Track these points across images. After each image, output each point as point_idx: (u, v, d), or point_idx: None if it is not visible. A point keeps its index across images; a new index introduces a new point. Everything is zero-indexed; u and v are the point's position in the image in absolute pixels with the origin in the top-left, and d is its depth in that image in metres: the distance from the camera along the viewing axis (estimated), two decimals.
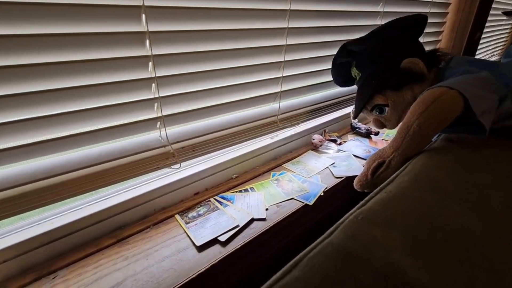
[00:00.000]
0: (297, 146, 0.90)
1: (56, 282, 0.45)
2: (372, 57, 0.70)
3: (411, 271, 0.23)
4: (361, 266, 0.24)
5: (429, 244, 0.26)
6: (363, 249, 0.25)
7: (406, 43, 0.68)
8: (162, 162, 0.56)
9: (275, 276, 0.23)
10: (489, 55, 2.10)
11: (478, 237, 0.26)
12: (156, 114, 0.54)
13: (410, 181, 0.38)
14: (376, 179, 0.53)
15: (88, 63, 0.44)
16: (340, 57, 0.77)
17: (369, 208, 0.32)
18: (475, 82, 0.51)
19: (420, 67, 0.63)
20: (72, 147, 0.47)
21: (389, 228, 0.28)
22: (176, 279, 0.46)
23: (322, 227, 0.76)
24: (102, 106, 0.48)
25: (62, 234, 0.50)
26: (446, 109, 0.48)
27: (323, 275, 0.23)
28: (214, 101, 0.63)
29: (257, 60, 0.67)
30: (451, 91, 0.48)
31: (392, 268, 0.23)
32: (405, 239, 0.26)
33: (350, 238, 0.27)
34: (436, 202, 0.32)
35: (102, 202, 0.56)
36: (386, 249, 0.25)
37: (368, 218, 0.29)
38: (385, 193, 0.35)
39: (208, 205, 0.64)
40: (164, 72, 0.53)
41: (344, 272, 0.23)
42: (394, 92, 0.66)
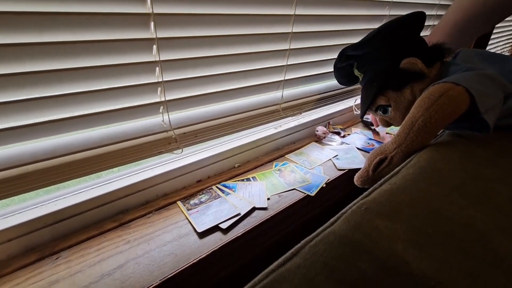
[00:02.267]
0: (300, 137, 0.89)
1: (59, 262, 0.46)
2: (372, 60, 0.70)
3: (414, 262, 0.23)
4: (363, 255, 0.23)
5: (434, 236, 0.25)
6: (366, 239, 0.25)
7: (405, 42, 0.67)
8: (164, 147, 0.56)
9: (276, 263, 0.23)
10: (499, 50, 2.06)
11: (483, 231, 0.26)
12: (159, 99, 0.54)
13: (415, 173, 0.37)
14: (377, 175, 0.53)
15: (90, 44, 0.44)
16: (340, 62, 0.78)
17: (373, 199, 0.31)
18: (481, 79, 0.50)
19: (418, 66, 0.63)
20: (73, 129, 0.47)
21: (392, 219, 0.28)
22: (177, 264, 0.47)
23: (323, 218, 0.77)
24: (104, 88, 0.47)
25: (66, 216, 0.51)
26: (452, 105, 0.47)
27: (324, 263, 0.23)
28: (217, 88, 0.63)
29: (262, 47, 0.66)
30: (457, 87, 0.47)
31: (395, 258, 0.23)
32: (409, 230, 0.26)
33: (353, 227, 0.26)
34: (442, 195, 0.31)
35: (105, 186, 0.56)
36: (389, 239, 0.25)
37: (372, 208, 0.29)
38: (389, 185, 0.35)
39: (210, 193, 0.64)
40: (169, 56, 0.52)
41: (345, 260, 0.23)
42: (395, 93, 0.66)
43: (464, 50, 0.66)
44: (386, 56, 0.68)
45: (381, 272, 0.22)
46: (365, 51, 0.71)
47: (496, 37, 1.85)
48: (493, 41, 1.79)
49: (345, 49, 0.75)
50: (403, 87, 0.64)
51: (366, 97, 0.70)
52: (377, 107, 0.70)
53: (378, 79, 0.67)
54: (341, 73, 0.80)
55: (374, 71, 0.69)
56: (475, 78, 0.50)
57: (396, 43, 0.67)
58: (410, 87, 0.64)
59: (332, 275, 0.22)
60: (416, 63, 0.63)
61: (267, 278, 0.22)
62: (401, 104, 0.65)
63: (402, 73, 0.64)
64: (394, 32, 0.67)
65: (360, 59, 0.72)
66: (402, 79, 0.64)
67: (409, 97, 0.63)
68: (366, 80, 0.71)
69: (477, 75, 0.51)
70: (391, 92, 0.66)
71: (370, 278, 0.22)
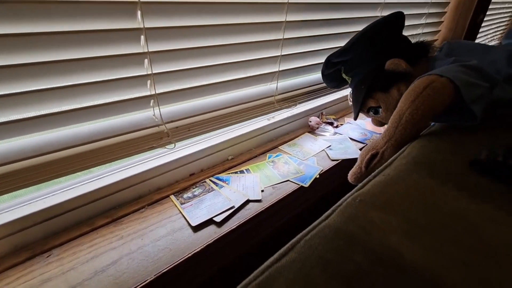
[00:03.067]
0: (294, 128, 0.89)
1: (51, 260, 0.45)
2: (357, 64, 0.71)
3: (408, 254, 0.23)
4: (358, 248, 0.23)
5: (427, 228, 0.25)
6: (360, 232, 0.25)
7: (388, 43, 0.68)
8: (156, 141, 0.55)
9: (272, 258, 0.23)
10: (489, 39, 2.07)
11: (476, 222, 0.26)
12: (149, 92, 0.52)
13: (408, 164, 0.37)
14: (370, 171, 0.53)
15: (73, 35, 0.41)
16: (327, 69, 0.79)
17: (367, 190, 0.31)
18: (465, 70, 0.51)
19: (402, 66, 0.64)
20: (60, 125, 0.45)
21: (387, 211, 0.28)
22: (172, 258, 0.46)
23: (317, 209, 0.77)
24: (90, 82, 0.45)
25: (56, 213, 0.49)
26: (437, 96, 0.47)
27: (319, 256, 0.23)
28: (210, 80, 0.61)
29: (256, 37, 0.65)
30: (441, 78, 0.48)
31: (389, 251, 0.23)
32: (403, 222, 0.26)
33: (348, 220, 0.26)
34: (435, 186, 0.31)
35: (96, 182, 0.55)
36: (383, 231, 0.25)
37: (366, 200, 0.29)
38: (383, 176, 0.35)
39: (203, 186, 0.64)
40: (158, 47, 0.50)
41: (341, 254, 0.23)
42: (384, 94, 0.67)
43: (449, 43, 0.67)
44: (370, 59, 0.69)
45: (376, 264, 0.22)
46: (349, 57, 0.72)
47: (487, 24, 1.86)
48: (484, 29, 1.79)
49: (330, 57, 0.76)
50: (390, 87, 0.66)
51: (356, 100, 0.71)
52: (368, 109, 0.71)
53: (365, 83, 0.68)
54: (329, 78, 0.81)
55: (361, 75, 0.70)
56: (459, 69, 0.50)
57: (379, 45, 0.68)
58: (396, 87, 0.65)
59: (327, 269, 0.22)
60: (399, 63, 0.64)
61: (263, 275, 0.21)
62: (390, 104, 0.66)
63: (388, 74, 0.65)
64: (375, 35, 0.68)
65: (346, 64, 0.73)
66: (388, 80, 0.65)
67: (397, 97, 0.64)
68: (355, 84, 0.72)
69: (462, 66, 0.51)
70: (380, 93, 0.67)
71: (365, 270, 0.22)
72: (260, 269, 0.22)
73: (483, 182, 0.31)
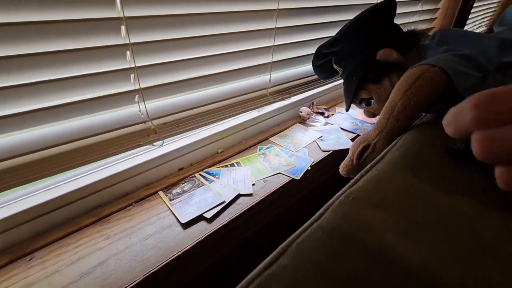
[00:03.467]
0: (284, 119, 0.87)
1: (33, 263, 0.43)
2: (348, 54, 0.69)
3: (405, 253, 0.22)
4: (353, 249, 0.23)
5: (422, 225, 0.25)
6: (355, 232, 0.24)
7: (379, 32, 0.66)
8: (143, 139, 0.52)
9: (261, 265, 0.22)
10: (477, 25, 2.08)
11: (470, 216, 0.26)
12: (134, 87, 0.49)
13: (401, 157, 0.36)
14: (361, 163, 0.53)
15: (46, 25, 0.38)
16: (317, 60, 0.77)
17: (360, 187, 0.31)
18: (457, 60, 0.50)
19: (394, 56, 0.62)
20: (36, 124, 0.42)
21: (381, 208, 0.27)
22: (161, 257, 0.45)
23: (309, 201, 0.77)
24: (67, 77, 0.42)
25: (38, 213, 0.47)
26: (430, 86, 0.47)
27: (313, 261, 0.22)
28: (199, 72, 0.58)
29: (247, 26, 0.62)
30: (433, 68, 0.47)
31: (385, 250, 0.22)
32: (398, 219, 0.25)
33: (341, 220, 0.26)
34: (428, 180, 0.31)
35: (80, 180, 0.53)
36: (379, 231, 0.24)
37: (359, 198, 0.28)
38: (376, 171, 0.34)
39: (193, 181, 0.62)
40: (140, 38, 0.47)
41: (335, 256, 0.22)
42: (375, 85, 0.66)
43: (440, 31, 0.66)
44: (362, 49, 0.67)
45: (372, 265, 0.22)
46: (340, 47, 0.70)
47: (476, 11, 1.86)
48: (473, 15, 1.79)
49: (321, 47, 0.74)
50: (382, 78, 0.64)
51: (348, 92, 0.70)
52: (360, 100, 0.70)
53: (356, 74, 0.67)
54: (320, 69, 0.79)
55: (353, 65, 0.68)
56: (451, 58, 0.50)
57: (370, 35, 0.66)
58: (388, 78, 0.64)
59: (322, 274, 0.21)
60: (391, 53, 0.63)
61: (253, 283, 0.20)
62: (383, 95, 0.65)
63: (379, 65, 0.64)
64: (366, 24, 0.66)
65: (337, 55, 0.71)
66: (380, 71, 0.64)
67: (389, 88, 0.63)
68: (346, 75, 0.71)
69: (454, 56, 0.51)
70: (371, 84, 0.66)
71: (362, 273, 0.21)
72: (249, 278, 0.21)
73: (477, 175, 0.31)
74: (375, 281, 0.21)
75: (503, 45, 0.56)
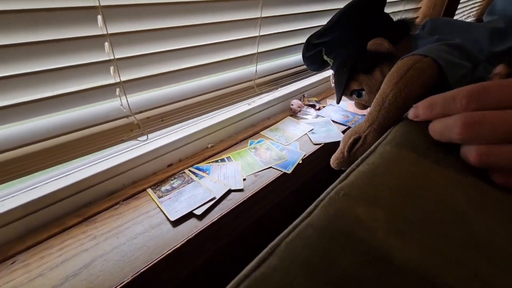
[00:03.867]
0: (275, 112, 0.86)
1: (15, 267, 0.42)
2: (339, 44, 0.68)
3: (397, 252, 0.22)
4: (345, 249, 0.22)
5: (414, 222, 0.24)
6: (345, 230, 0.24)
7: (369, 21, 0.65)
8: (126, 134, 0.50)
9: (250, 266, 0.21)
10: (466, 15, 2.09)
11: (462, 211, 0.25)
12: (114, 80, 0.47)
13: (392, 151, 0.36)
14: (352, 156, 0.52)
15: (15, 14, 0.35)
16: (307, 51, 0.76)
17: (351, 182, 0.30)
18: (448, 49, 0.49)
19: (385, 46, 0.62)
20: (8, 121, 0.40)
21: (372, 205, 0.26)
22: (150, 257, 0.44)
23: (301, 195, 0.77)
24: (39, 71, 0.39)
25: (19, 215, 0.45)
26: (421, 77, 0.46)
27: (303, 262, 0.21)
28: (182, 64, 0.56)
29: (231, 16, 0.60)
30: (425, 58, 0.46)
31: (377, 250, 0.22)
32: (390, 217, 0.25)
33: (332, 218, 0.25)
34: (420, 174, 0.30)
35: (63, 179, 0.51)
36: (371, 229, 0.24)
37: (350, 194, 0.28)
38: (367, 165, 0.33)
39: (182, 177, 0.61)
40: (118, 29, 0.44)
41: (325, 257, 0.21)
42: (366, 76, 0.65)
43: (431, 21, 0.65)
44: (352, 39, 0.66)
45: (364, 267, 0.21)
46: (330, 37, 0.68)
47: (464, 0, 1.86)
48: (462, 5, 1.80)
49: (310, 38, 0.72)
50: (373, 69, 0.64)
51: (339, 83, 0.69)
52: (351, 92, 0.69)
53: (347, 64, 0.66)
54: (310, 61, 0.78)
55: (343, 56, 0.67)
56: (443, 48, 0.49)
57: (361, 24, 0.65)
58: (379, 68, 0.63)
59: (312, 276, 0.20)
60: (382, 43, 0.62)
61: (240, 286, 0.20)
62: (374, 86, 0.64)
63: (370, 55, 0.63)
64: (357, 13, 0.65)
65: (327, 45, 0.70)
66: (370, 61, 0.63)
67: (380, 79, 0.62)
68: (337, 66, 0.69)
69: (445, 45, 0.50)
70: (362, 75, 0.65)
71: (353, 274, 0.20)
72: (236, 280, 0.20)
73: (468, 166, 0.30)
74: (368, 281, 0.20)
75: (493, 35, 0.55)
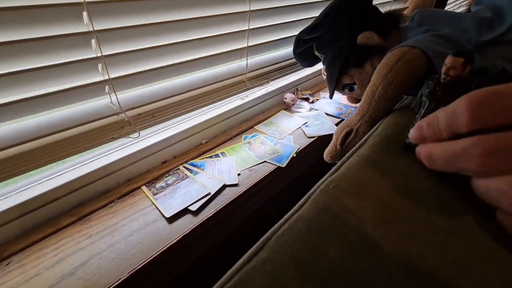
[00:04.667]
0: (269, 106, 0.86)
1: (11, 268, 0.42)
2: (329, 40, 0.68)
3: (384, 243, 0.22)
4: (333, 242, 0.22)
5: (402, 211, 0.25)
6: (335, 223, 0.24)
7: (358, 15, 0.65)
8: (117, 131, 0.50)
9: (241, 260, 0.21)
10: (458, 5, 2.08)
11: (449, 201, 0.26)
12: (103, 77, 0.47)
13: (382, 142, 0.36)
14: (345, 149, 0.53)
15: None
16: (298, 48, 0.76)
17: (341, 174, 0.30)
18: (437, 40, 0.49)
19: (374, 39, 0.62)
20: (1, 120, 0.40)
21: (361, 196, 0.27)
22: (146, 254, 0.44)
23: (295, 188, 0.77)
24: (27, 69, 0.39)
25: (13, 216, 0.45)
26: (410, 68, 0.46)
27: (292, 254, 0.21)
28: (171, 60, 0.56)
29: (219, 9, 0.59)
30: (413, 49, 0.47)
31: (365, 241, 0.22)
32: (378, 207, 0.25)
33: (322, 210, 0.25)
34: (409, 165, 0.31)
35: (57, 178, 0.50)
36: (358, 220, 0.24)
37: (340, 186, 0.28)
38: (357, 157, 0.34)
39: (177, 174, 0.61)
40: (104, 25, 0.44)
41: (314, 250, 0.22)
42: (357, 70, 0.65)
43: (420, 12, 0.65)
44: (342, 34, 0.66)
45: (351, 258, 0.21)
46: (320, 33, 0.68)
47: None
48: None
49: (300, 34, 0.73)
50: (364, 62, 0.64)
51: (331, 78, 0.69)
52: (343, 86, 0.70)
53: (338, 59, 0.66)
54: (301, 57, 0.78)
55: (334, 51, 0.67)
56: (431, 39, 0.49)
57: (350, 19, 0.65)
58: (370, 62, 0.63)
59: (300, 268, 0.21)
60: (371, 36, 0.62)
61: (231, 281, 0.20)
62: (365, 80, 0.64)
63: (360, 49, 0.63)
64: (345, 8, 0.65)
65: (318, 41, 0.70)
66: (361, 55, 0.64)
67: (371, 72, 0.63)
68: (328, 61, 0.70)
69: (434, 36, 0.50)
70: (353, 69, 0.65)
71: (340, 266, 0.21)
72: (229, 274, 0.20)
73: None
74: (356, 272, 0.20)
75: (480, 24, 0.55)
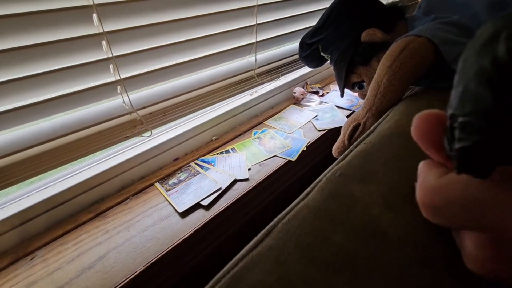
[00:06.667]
0: (278, 101, 0.86)
1: (35, 262, 0.44)
2: (334, 40, 0.68)
3: (390, 227, 0.22)
4: (339, 227, 0.22)
5: (409, 195, 0.24)
6: (341, 209, 0.24)
7: (361, 13, 0.64)
8: (130, 130, 0.51)
9: (247, 246, 0.22)
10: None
11: None
12: (114, 78, 0.48)
13: (390, 128, 0.36)
14: (353, 143, 0.52)
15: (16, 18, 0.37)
16: (303, 52, 0.76)
17: (348, 162, 0.30)
18: (444, 27, 0.47)
19: (378, 36, 0.61)
20: (16, 124, 0.41)
21: (368, 182, 0.26)
22: (160, 247, 0.46)
23: (306, 181, 0.76)
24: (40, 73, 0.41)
25: (34, 214, 0.48)
26: (415, 57, 0.45)
27: (297, 241, 0.21)
28: (181, 58, 0.57)
29: (227, 5, 0.60)
30: (418, 38, 0.45)
31: (371, 226, 0.22)
32: (386, 192, 0.25)
33: (328, 197, 0.25)
34: (416, 150, 0.30)
35: (74, 177, 0.53)
36: (365, 205, 0.24)
37: (347, 173, 0.28)
38: (365, 145, 0.33)
39: (188, 170, 0.62)
40: (114, 26, 0.45)
41: (319, 236, 0.22)
42: (365, 67, 0.64)
43: (426, 0, 0.63)
44: (346, 33, 0.66)
45: (358, 243, 0.21)
46: (324, 35, 0.68)
47: None
48: None
49: (304, 39, 0.73)
50: (370, 60, 0.63)
51: (339, 77, 0.69)
52: (353, 84, 0.69)
53: (344, 59, 0.66)
54: (308, 59, 0.77)
55: (339, 51, 0.67)
56: (438, 27, 0.47)
57: (352, 17, 0.64)
58: (376, 58, 0.62)
59: (305, 254, 0.21)
60: (374, 33, 0.61)
61: (237, 266, 0.20)
62: (373, 76, 0.63)
63: (365, 46, 0.63)
64: (346, 7, 0.64)
65: (322, 42, 0.70)
66: (366, 52, 0.63)
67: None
68: (334, 61, 0.69)
69: (441, 24, 0.48)
70: (361, 67, 0.65)
71: (346, 251, 0.21)
72: (235, 260, 0.21)
73: None
74: (360, 259, 0.20)
75: (491, 7, 0.53)
